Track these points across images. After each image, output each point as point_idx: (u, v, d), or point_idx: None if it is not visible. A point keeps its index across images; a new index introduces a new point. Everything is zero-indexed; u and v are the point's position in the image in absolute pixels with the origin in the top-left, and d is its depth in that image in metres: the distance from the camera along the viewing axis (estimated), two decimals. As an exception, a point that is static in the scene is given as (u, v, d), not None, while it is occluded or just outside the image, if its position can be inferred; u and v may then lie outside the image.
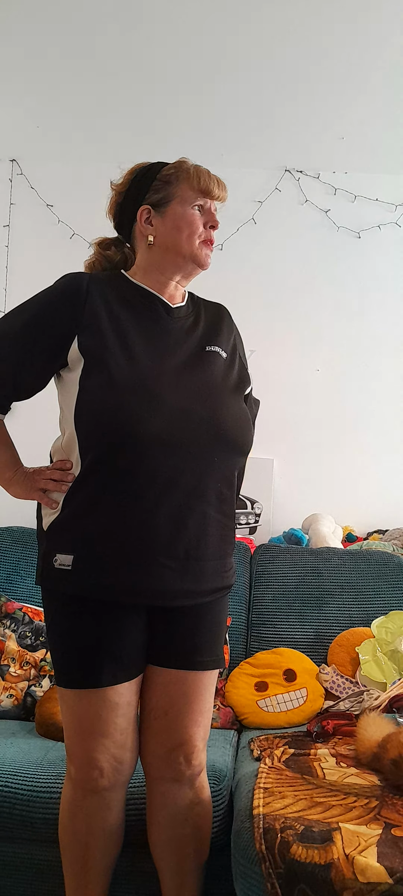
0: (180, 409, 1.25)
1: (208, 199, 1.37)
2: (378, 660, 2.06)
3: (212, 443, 1.27)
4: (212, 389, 1.32)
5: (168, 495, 1.23)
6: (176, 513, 1.24)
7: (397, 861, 1.08)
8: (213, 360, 1.36)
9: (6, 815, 1.50)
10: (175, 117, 2.72)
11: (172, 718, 1.30)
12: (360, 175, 3.01)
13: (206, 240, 1.37)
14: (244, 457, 1.40)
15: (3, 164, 3.06)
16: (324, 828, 1.17)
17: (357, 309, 3.00)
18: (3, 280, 3.01)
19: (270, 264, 3.02)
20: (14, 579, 2.35)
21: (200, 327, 1.41)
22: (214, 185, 1.37)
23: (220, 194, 1.39)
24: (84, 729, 1.26)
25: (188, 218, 1.35)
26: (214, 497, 1.29)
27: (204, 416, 1.26)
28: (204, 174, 1.37)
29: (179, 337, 1.36)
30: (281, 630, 2.21)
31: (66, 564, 1.23)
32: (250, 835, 1.20)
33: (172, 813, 1.33)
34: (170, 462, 1.23)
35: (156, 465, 1.22)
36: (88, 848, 1.31)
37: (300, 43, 2.29)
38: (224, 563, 1.33)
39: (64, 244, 2.98)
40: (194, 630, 1.31)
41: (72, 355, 1.28)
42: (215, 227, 1.39)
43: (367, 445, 2.92)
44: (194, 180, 1.36)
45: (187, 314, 1.42)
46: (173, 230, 1.35)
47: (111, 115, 2.72)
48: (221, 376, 1.36)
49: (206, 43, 2.31)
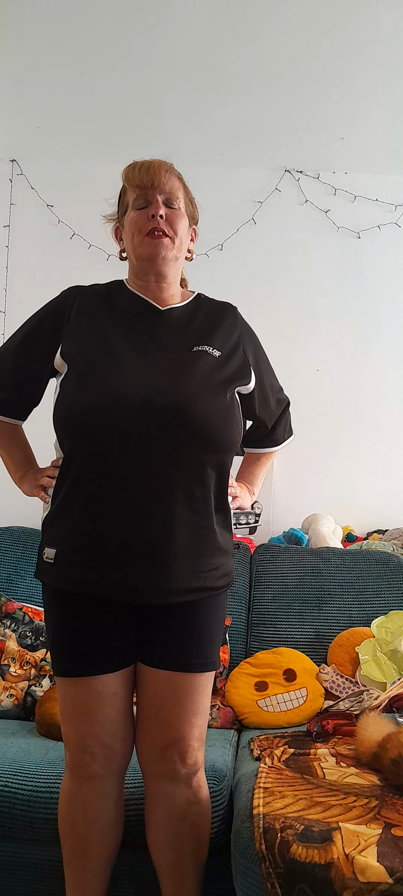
0: (146, 405, 1.24)
1: (147, 191, 1.35)
2: (378, 660, 2.07)
3: (180, 437, 1.24)
4: (187, 386, 1.28)
5: (131, 492, 1.23)
6: (139, 510, 1.23)
7: (397, 861, 1.08)
8: (199, 359, 1.33)
9: (6, 814, 1.50)
10: (175, 117, 2.72)
11: (164, 717, 1.30)
12: (360, 175, 3.01)
13: (150, 231, 1.34)
14: (220, 454, 1.31)
15: (3, 164, 3.06)
16: (324, 827, 1.17)
17: (357, 309, 3.00)
18: (3, 280, 3.01)
19: (270, 264, 3.02)
20: (14, 579, 2.35)
21: (193, 328, 1.39)
22: (144, 174, 1.35)
23: (154, 180, 1.35)
24: (74, 715, 1.31)
25: (130, 220, 1.37)
26: (182, 494, 1.25)
27: (170, 411, 1.24)
28: (134, 169, 1.37)
29: (165, 339, 1.36)
30: (281, 630, 2.21)
31: (50, 558, 1.29)
32: (250, 834, 1.20)
33: (169, 811, 1.33)
34: (134, 458, 1.23)
35: (119, 461, 1.23)
36: (86, 838, 1.32)
37: (300, 43, 2.29)
38: (199, 563, 1.28)
39: (64, 244, 2.99)
40: (180, 631, 1.30)
41: (57, 361, 1.35)
42: (155, 216, 1.34)
43: (367, 445, 2.92)
44: (128, 181, 1.37)
45: (181, 315, 1.41)
46: (126, 237, 1.40)
47: (111, 115, 2.72)
48: (204, 374, 1.32)
49: (206, 43, 2.31)
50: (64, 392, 1.31)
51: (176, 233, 1.37)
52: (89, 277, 1.42)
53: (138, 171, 1.36)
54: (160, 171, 1.36)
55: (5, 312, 2.98)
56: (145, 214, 1.35)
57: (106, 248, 2.80)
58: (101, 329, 1.34)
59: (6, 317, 2.97)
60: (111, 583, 1.24)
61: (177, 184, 1.39)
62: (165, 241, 1.35)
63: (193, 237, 1.48)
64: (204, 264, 2.89)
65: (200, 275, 1.68)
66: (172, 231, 1.36)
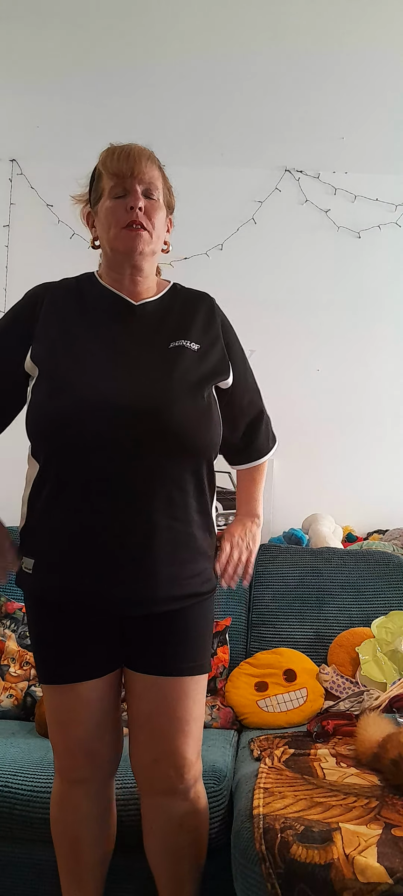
0: (122, 410, 1.17)
1: (125, 180, 1.26)
2: (378, 660, 2.06)
3: (157, 444, 1.18)
4: (164, 387, 1.21)
5: (108, 501, 1.18)
6: (119, 520, 1.19)
7: (397, 861, 1.08)
8: (176, 355, 1.26)
9: (6, 814, 1.50)
10: (175, 117, 2.72)
11: (155, 727, 1.25)
12: (360, 175, 3.01)
13: (128, 224, 1.25)
14: (200, 458, 1.26)
15: (3, 164, 3.06)
16: (324, 828, 1.17)
17: (357, 309, 3.00)
18: (3, 280, 3.01)
19: (270, 264, 3.02)
20: (14, 579, 2.35)
21: (169, 322, 1.31)
22: (123, 163, 1.26)
23: (133, 169, 1.25)
24: (58, 721, 1.29)
25: (106, 210, 1.27)
26: (162, 502, 1.20)
27: (147, 416, 1.18)
28: (112, 155, 1.27)
29: (140, 336, 1.29)
30: (281, 630, 2.21)
31: (28, 568, 1.27)
32: (250, 835, 1.20)
33: (166, 823, 1.29)
34: (110, 466, 1.17)
35: (95, 470, 1.18)
36: (78, 840, 1.31)
37: (300, 43, 2.29)
38: (183, 569, 1.23)
39: (64, 244, 2.98)
40: (167, 636, 1.24)
41: (27, 365, 1.28)
42: (134, 207, 1.25)
43: (367, 445, 2.92)
44: (106, 168, 1.28)
45: (156, 309, 1.33)
46: (101, 227, 1.31)
47: (111, 114, 2.72)
48: (181, 372, 1.25)
49: (207, 43, 2.31)
50: (35, 400, 1.24)
51: (154, 226, 1.28)
52: (89, 277, 1.43)
53: (117, 159, 1.26)
54: (141, 159, 1.27)
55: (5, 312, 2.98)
56: (123, 205, 1.26)
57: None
58: (72, 329, 1.28)
59: (6, 317, 2.97)
60: (92, 594, 1.20)
61: (156, 173, 1.30)
62: (144, 234, 1.27)
63: (169, 227, 1.39)
64: (204, 264, 2.89)
65: (200, 275, 1.69)
66: (150, 224, 1.28)
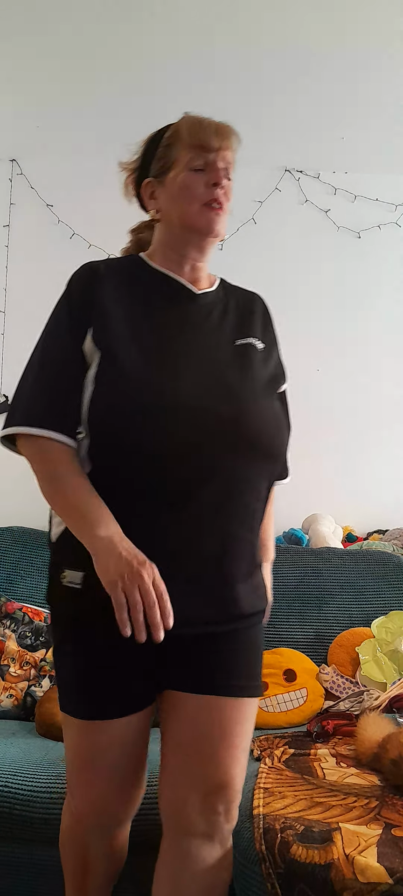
0: (200, 412, 1.06)
1: (208, 154, 1.16)
2: (378, 660, 2.06)
3: (238, 450, 1.08)
4: (241, 388, 1.12)
5: (183, 511, 1.05)
6: (193, 531, 1.06)
7: (397, 861, 1.08)
8: (246, 353, 1.18)
9: (6, 815, 1.49)
10: (175, 117, 2.71)
11: (207, 754, 1.07)
12: (360, 175, 3.01)
13: (210, 201, 1.15)
14: (276, 466, 1.19)
15: (3, 164, 3.06)
16: (324, 828, 1.17)
17: (357, 309, 3.00)
18: (3, 280, 3.01)
19: (270, 264, 3.01)
20: (14, 579, 2.35)
21: (230, 318, 1.23)
22: (211, 136, 1.16)
23: (221, 143, 1.17)
24: (86, 762, 1.11)
25: (183, 182, 1.16)
26: (241, 511, 1.10)
27: (228, 420, 1.07)
28: (199, 126, 1.18)
29: (206, 329, 1.18)
30: (281, 630, 2.21)
31: (75, 582, 1.06)
32: (250, 835, 1.20)
33: (200, 873, 1.08)
34: (188, 473, 1.04)
35: (172, 476, 1.04)
36: (88, 869, 1.23)
37: (300, 42, 2.29)
38: (254, 583, 1.15)
39: (64, 244, 2.98)
40: (226, 650, 1.11)
41: (87, 349, 1.11)
42: (218, 185, 1.16)
43: (367, 446, 2.92)
44: (187, 137, 1.18)
45: (215, 301, 1.23)
46: (171, 200, 1.18)
47: (111, 114, 2.72)
48: (254, 372, 1.16)
49: (206, 43, 2.31)
50: (99, 391, 1.08)
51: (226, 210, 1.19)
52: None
53: (204, 130, 1.17)
54: (229, 136, 1.18)
55: (5, 312, 2.98)
56: (203, 180, 1.16)
57: (106, 247, 2.79)
58: (133, 316, 1.14)
59: (6, 317, 2.97)
60: None
61: (234, 156, 1.22)
62: (223, 216, 1.17)
63: None
64: (204, 264, 2.89)
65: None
66: (226, 206, 1.18)
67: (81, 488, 1.06)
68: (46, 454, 1.09)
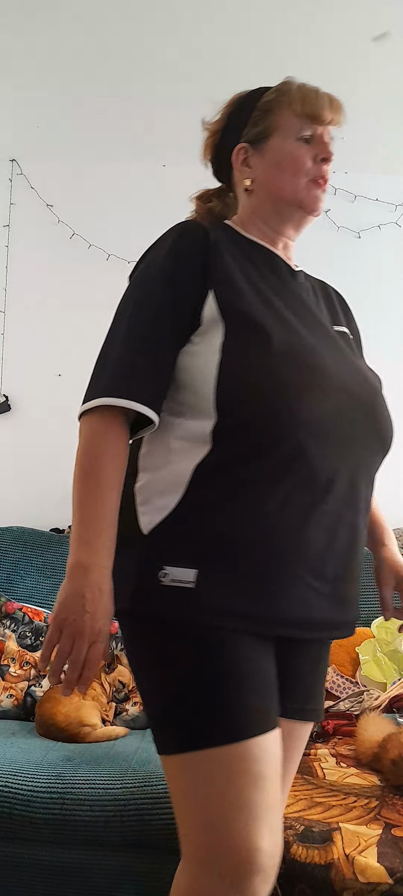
0: (344, 392, 0.98)
1: (318, 126, 1.08)
2: (378, 660, 2.06)
3: (370, 438, 1.02)
4: (365, 374, 1.06)
5: (323, 500, 0.94)
6: (328, 523, 0.95)
7: (397, 861, 1.08)
8: (347, 341, 1.11)
9: (6, 814, 1.49)
10: (175, 117, 2.71)
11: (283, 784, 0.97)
12: (360, 175, 3.00)
13: (316, 178, 1.08)
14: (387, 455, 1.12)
15: (3, 164, 3.06)
16: (324, 828, 1.17)
17: (358, 309, 2.98)
18: (3, 280, 3.01)
19: (270, 264, 3.01)
20: (14, 579, 2.35)
21: (320, 302, 1.15)
22: (324, 107, 1.08)
23: (333, 117, 1.09)
24: (234, 802, 0.84)
25: (291, 153, 1.07)
26: (363, 504, 1.02)
27: (364, 406, 1.01)
28: (311, 94, 1.09)
29: (312, 307, 1.09)
30: (281, 630, 2.21)
31: (186, 581, 0.89)
32: (250, 835, 1.19)
33: None
34: (330, 458, 0.95)
35: (316, 459, 0.93)
36: None
37: (300, 42, 2.29)
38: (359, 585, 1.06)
39: (64, 244, 2.98)
40: (310, 670, 1.03)
41: (207, 315, 0.97)
42: (328, 160, 1.09)
43: (367, 445, 2.92)
44: (297, 104, 1.07)
45: (306, 284, 1.15)
46: (273, 170, 1.08)
47: (111, 114, 2.72)
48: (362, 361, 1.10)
49: (207, 42, 2.31)
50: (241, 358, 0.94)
51: None
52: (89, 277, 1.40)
53: (321, 100, 1.08)
54: (340, 111, 1.11)
55: (5, 312, 2.97)
56: (310, 153, 1.08)
57: (106, 247, 2.79)
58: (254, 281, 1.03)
59: (6, 316, 2.97)
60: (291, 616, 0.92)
61: None
62: (325, 196, 1.11)
63: None
64: (204, 264, 2.89)
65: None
66: None
67: (115, 490, 0.92)
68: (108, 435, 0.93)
